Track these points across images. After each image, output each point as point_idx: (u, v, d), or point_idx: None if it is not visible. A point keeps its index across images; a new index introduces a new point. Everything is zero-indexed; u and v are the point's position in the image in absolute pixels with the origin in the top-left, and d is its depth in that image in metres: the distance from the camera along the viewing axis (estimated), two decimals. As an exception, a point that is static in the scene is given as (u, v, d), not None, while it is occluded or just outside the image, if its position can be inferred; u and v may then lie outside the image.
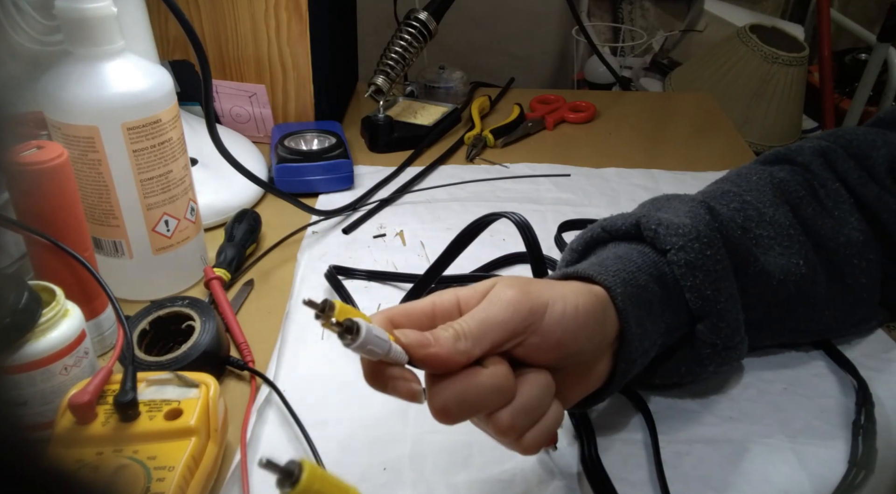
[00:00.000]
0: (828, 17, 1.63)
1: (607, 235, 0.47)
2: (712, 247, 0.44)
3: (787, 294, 0.49)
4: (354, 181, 0.77)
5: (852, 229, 0.50)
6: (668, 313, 0.44)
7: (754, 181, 0.51)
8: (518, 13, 1.79)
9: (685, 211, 0.46)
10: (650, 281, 0.43)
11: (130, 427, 0.40)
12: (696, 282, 0.43)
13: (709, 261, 0.44)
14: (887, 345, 0.54)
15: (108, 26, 0.49)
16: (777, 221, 0.49)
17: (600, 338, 0.39)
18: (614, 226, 0.47)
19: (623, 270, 0.42)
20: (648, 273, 0.43)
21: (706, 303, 0.44)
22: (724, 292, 0.44)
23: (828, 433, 0.47)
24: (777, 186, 0.51)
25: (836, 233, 0.50)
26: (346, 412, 0.48)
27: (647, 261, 0.43)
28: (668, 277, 0.44)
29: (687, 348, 0.46)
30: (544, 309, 0.36)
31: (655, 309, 0.43)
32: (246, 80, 0.82)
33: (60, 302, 0.43)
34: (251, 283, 0.61)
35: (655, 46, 1.79)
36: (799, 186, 0.51)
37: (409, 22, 0.84)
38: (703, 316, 0.44)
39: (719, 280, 0.44)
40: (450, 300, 0.37)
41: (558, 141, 0.90)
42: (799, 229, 0.50)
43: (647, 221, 0.45)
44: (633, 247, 0.45)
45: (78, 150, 0.50)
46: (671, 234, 0.44)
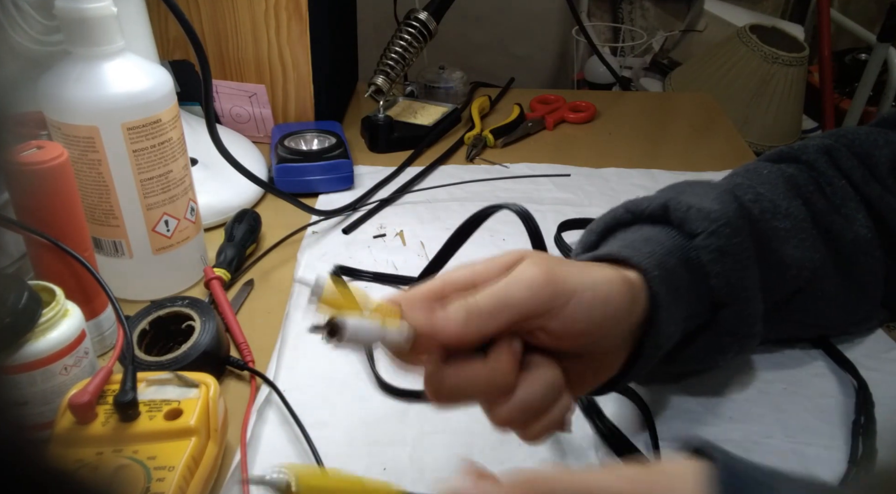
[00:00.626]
0: (828, 17, 1.63)
1: (631, 217, 0.46)
2: (740, 235, 0.43)
3: (798, 286, 0.48)
4: (354, 181, 0.77)
5: (860, 226, 0.50)
6: (693, 299, 0.43)
7: (765, 175, 0.51)
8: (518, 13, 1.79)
9: (713, 196, 0.45)
10: (678, 264, 0.42)
11: (130, 427, 0.40)
12: (725, 269, 0.43)
13: (737, 248, 0.43)
14: (887, 345, 0.54)
15: (108, 26, 0.49)
16: (792, 213, 0.48)
17: (626, 326, 0.38)
18: (639, 208, 0.46)
19: (655, 252, 0.41)
20: (677, 256, 0.42)
21: (732, 291, 0.43)
22: (749, 280, 0.44)
23: (828, 433, 0.47)
24: (788, 180, 0.51)
25: (844, 229, 0.50)
26: (346, 412, 0.48)
27: (675, 245, 0.42)
28: (693, 262, 0.43)
29: (708, 335, 0.45)
30: (570, 296, 0.34)
31: (682, 293, 0.41)
32: (246, 80, 0.82)
33: (60, 302, 0.43)
34: (251, 283, 0.61)
35: (655, 46, 1.79)
36: (808, 182, 0.51)
37: (409, 22, 0.84)
38: (728, 303, 0.43)
39: (746, 267, 0.43)
40: (464, 276, 0.35)
41: (558, 141, 0.90)
42: (811, 223, 0.49)
43: (677, 204, 0.44)
44: (660, 230, 0.44)
45: (78, 150, 0.50)
46: (702, 219, 0.43)
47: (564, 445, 0.46)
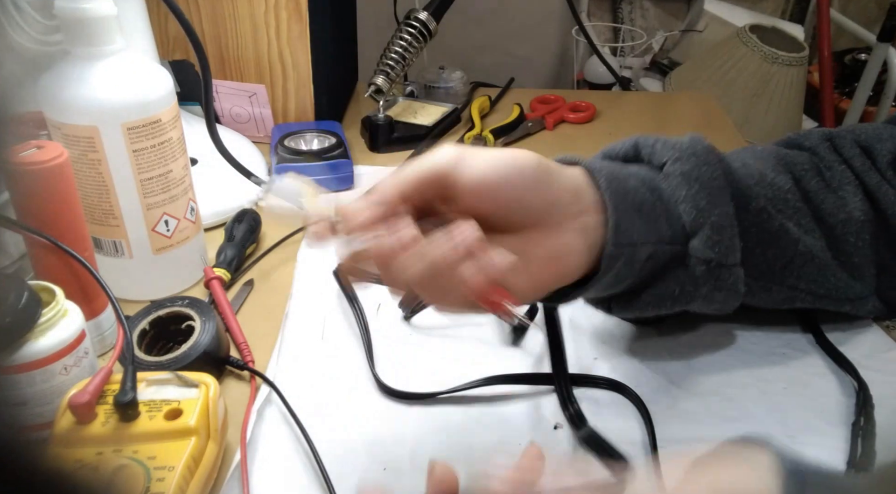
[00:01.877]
0: (828, 17, 1.63)
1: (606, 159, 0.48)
2: (709, 165, 0.45)
3: (793, 250, 0.48)
4: (354, 181, 0.77)
5: (854, 208, 0.50)
6: (662, 223, 0.43)
7: (759, 151, 0.52)
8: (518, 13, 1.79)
9: (686, 136, 0.47)
10: (641, 185, 0.43)
11: (130, 427, 0.40)
12: (691, 193, 0.43)
13: (704, 175, 0.44)
14: (887, 345, 0.54)
15: (108, 26, 0.49)
16: (776, 184, 0.49)
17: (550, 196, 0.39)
18: (613, 151, 0.48)
19: (613, 170, 0.42)
20: (640, 179, 0.43)
21: (700, 214, 0.43)
22: (718, 205, 0.44)
23: (828, 433, 0.47)
24: (782, 158, 0.51)
25: (837, 209, 0.50)
26: (345, 412, 0.48)
27: (641, 173, 0.44)
28: (663, 191, 0.44)
29: (681, 267, 0.45)
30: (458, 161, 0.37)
31: (646, 212, 0.42)
32: (246, 80, 0.82)
33: (60, 302, 0.43)
34: (251, 283, 0.61)
35: (655, 46, 1.79)
36: (805, 162, 0.51)
37: (409, 22, 0.84)
38: (697, 228, 0.43)
39: (714, 193, 0.44)
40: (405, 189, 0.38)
41: (558, 141, 0.90)
42: (798, 196, 0.49)
43: (645, 140, 0.46)
44: (630, 165, 0.46)
45: (78, 150, 0.50)
46: (668, 148, 0.45)
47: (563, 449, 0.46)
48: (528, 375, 0.51)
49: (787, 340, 0.55)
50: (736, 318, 0.57)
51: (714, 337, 0.55)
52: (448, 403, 0.49)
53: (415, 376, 0.51)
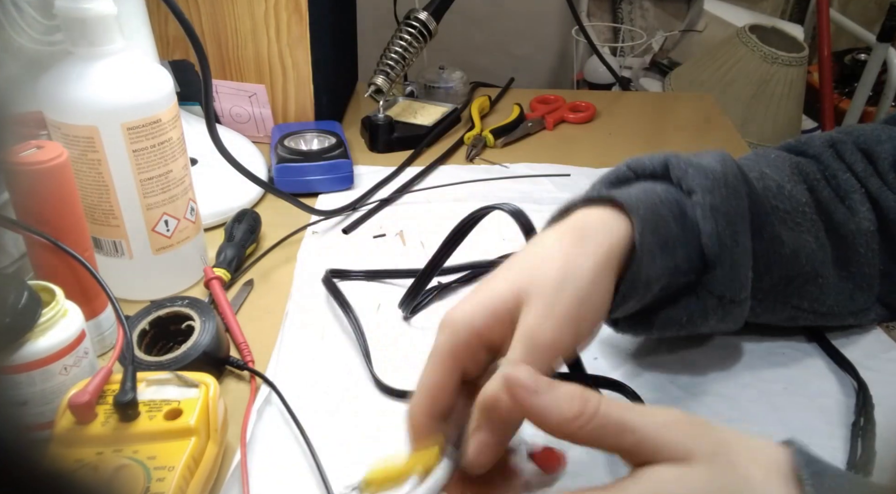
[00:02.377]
0: (827, 17, 1.63)
1: (632, 174, 0.46)
2: (738, 198, 0.44)
3: (798, 269, 0.48)
4: (354, 181, 0.77)
5: (863, 218, 0.50)
6: (680, 253, 0.42)
7: (773, 158, 0.51)
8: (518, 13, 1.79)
9: (716, 158, 0.46)
10: (670, 215, 0.42)
11: (130, 427, 0.40)
12: (717, 227, 0.43)
13: (732, 209, 0.43)
14: (887, 346, 0.54)
15: (108, 26, 0.49)
16: (794, 197, 0.48)
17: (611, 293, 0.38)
18: (641, 165, 0.46)
19: (645, 199, 0.41)
20: (669, 208, 0.42)
21: (723, 251, 0.43)
22: (741, 243, 0.44)
23: (827, 433, 0.47)
24: (795, 166, 0.51)
25: (847, 220, 0.50)
26: (345, 412, 0.48)
27: (670, 198, 0.43)
28: (688, 219, 0.43)
29: (692, 296, 0.45)
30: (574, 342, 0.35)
31: (670, 246, 0.42)
32: (246, 80, 0.82)
33: (60, 302, 0.43)
34: (251, 283, 0.61)
35: (655, 46, 1.79)
36: (814, 172, 0.51)
37: (409, 22, 0.84)
38: (716, 263, 0.43)
39: (739, 230, 0.44)
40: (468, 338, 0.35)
41: (558, 141, 0.90)
42: (813, 208, 0.49)
43: (678, 160, 0.45)
44: (659, 185, 0.44)
45: (78, 150, 0.50)
46: (700, 176, 0.43)
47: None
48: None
49: (787, 340, 0.55)
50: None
51: (714, 337, 0.55)
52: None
53: (415, 375, 0.51)
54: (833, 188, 0.51)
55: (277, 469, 0.44)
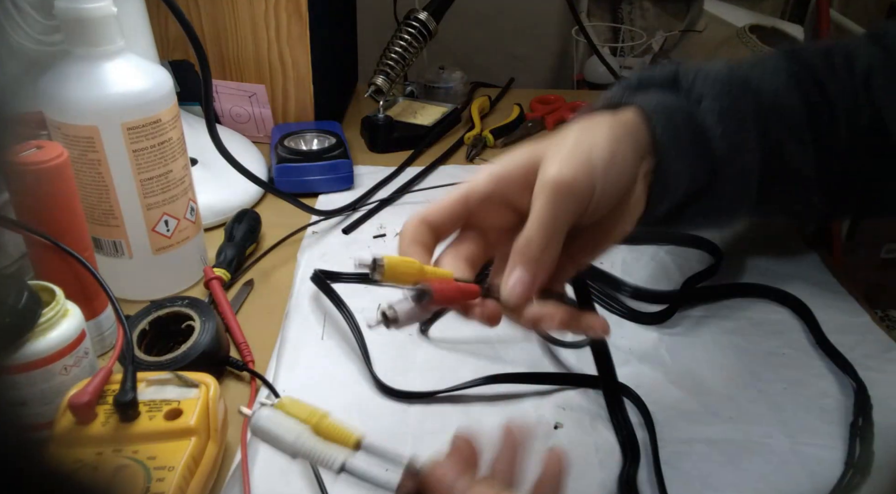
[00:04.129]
0: (827, 17, 1.63)
1: (643, 86, 0.47)
2: (745, 100, 0.45)
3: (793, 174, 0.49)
4: (354, 181, 0.77)
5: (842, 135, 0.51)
6: (696, 155, 0.44)
7: (771, 66, 0.52)
8: (518, 13, 1.79)
9: (722, 64, 0.47)
10: (683, 122, 0.43)
11: (130, 427, 0.40)
12: (727, 130, 0.44)
13: (741, 112, 0.45)
14: (887, 346, 0.54)
15: (108, 26, 0.49)
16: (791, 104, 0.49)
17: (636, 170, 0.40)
18: (651, 77, 0.47)
19: (661, 106, 0.42)
20: (682, 116, 0.43)
21: (733, 151, 0.44)
22: (749, 141, 0.45)
23: (827, 433, 0.47)
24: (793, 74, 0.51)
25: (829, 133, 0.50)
26: (345, 412, 0.48)
27: (681, 107, 0.44)
28: (698, 125, 0.44)
29: (711, 193, 0.46)
30: (594, 178, 0.36)
31: (685, 148, 0.43)
32: (246, 80, 0.82)
33: (60, 302, 0.43)
34: (251, 283, 0.61)
35: (655, 46, 1.78)
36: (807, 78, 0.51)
37: (409, 22, 0.84)
38: (729, 161, 0.44)
39: (746, 128, 0.45)
40: (486, 183, 0.37)
41: (558, 141, 0.90)
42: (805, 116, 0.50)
43: (686, 70, 0.46)
44: (669, 94, 0.45)
45: (78, 150, 0.50)
46: (709, 82, 0.45)
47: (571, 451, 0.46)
48: (528, 374, 0.51)
49: (787, 340, 0.55)
50: (736, 318, 0.57)
51: (714, 337, 0.55)
52: (448, 403, 0.49)
53: (415, 375, 0.51)
54: (824, 97, 0.51)
55: (278, 469, 0.44)
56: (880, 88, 0.51)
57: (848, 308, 0.58)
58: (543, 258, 0.35)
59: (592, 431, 0.47)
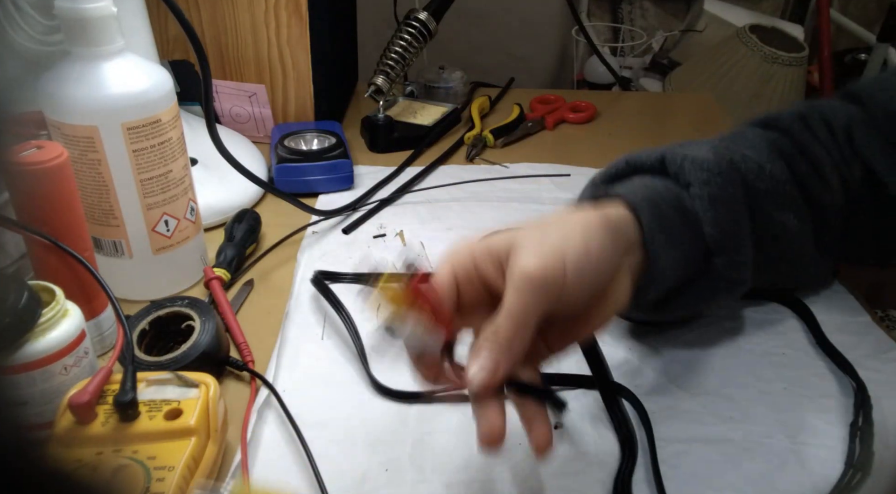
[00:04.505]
0: (828, 17, 1.63)
1: (630, 169, 0.48)
2: (733, 185, 0.46)
3: (784, 245, 0.50)
4: (354, 181, 0.77)
5: (835, 192, 0.52)
6: (687, 244, 0.44)
7: (750, 137, 0.53)
8: (518, 13, 1.79)
9: (706, 149, 0.48)
10: (672, 211, 0.44)
11: (130, 427, 0.40)
12: (717, 216, 0.44)
13: (729, 197, 0.45)
14: (887, 345, 0.54)
15: (108, 26, 0.49)
16: (775, 176, 0.50)
17: (616, 260, 0.40)
18: (638, 161, 0.48)
19: (649, 197, 0.43)
20: (671, 204, 0.44)
21: (725, 237, 0.45)
22: (741, 227, 0.46)
23: (828, 433, 0.47)
24: (772, 143, 0.52)
25: (822, 192, 0.52)
26: (346, 412, 0.48)
27: (670, 194, 0.45)
28: (688, 211, 0.45)
29: (702, 281, 0.47)
30: (563, 271, 0.36)
31: (676, 236, 0.43)
32: (246, 80, 0.82)
33: (60, 302, 0.43)
34: (251, 283, 0.61)
35: (655, 46, 1.78)
36: (789, 146, 0.52)
37: (409, 22, 0.84)
38: (721, 250, 0.45)
39: (738, 215, 0.45)
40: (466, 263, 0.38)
41: (558, 141, 0.90)
42: (794, 185, 0.51)
43: (673, 155, 0.46)
44: (657, 180, 0.46)
45: (78, 150, 0.50)
46: (696, 168, 0.45)
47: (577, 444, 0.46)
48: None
49: (787, 340, 0.55)
50: (736, 318, 0.57)
51: (714, 337, 0.55)
52: (447, 403, 0.49)
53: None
54: (807, 160, 0.52)
55: (278, 469, 0.44)
56: (863, 143, 0.53)
57: (848, 308, 0.58)
58: (510, 347, 0.35)
59: (592, 431, 0.47)
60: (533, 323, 0.36)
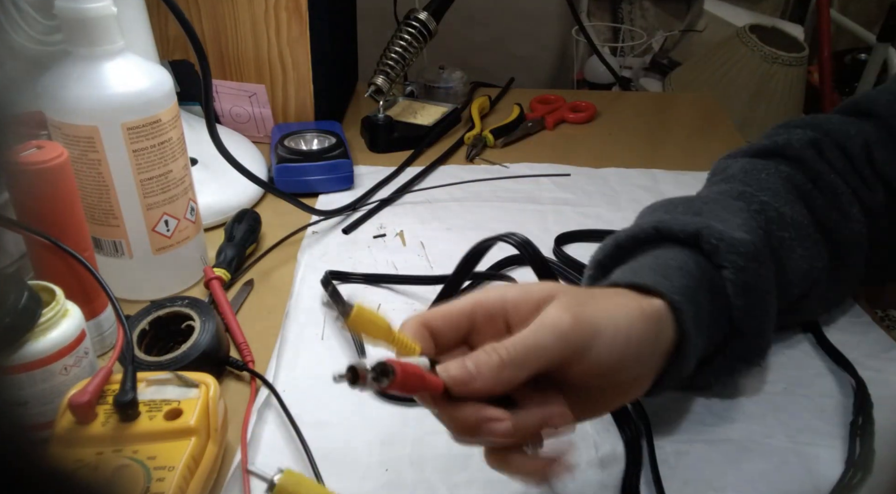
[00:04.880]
0: (828, 17, 1.63)
1: (659, 237, 0.46)
2: (766, 267, 0.44)
3: (803, 290, 0.49)
4: (354, 181, 0.77)
5: (856, 222, 0.51)
6: (713, 329, 0.43)
7: (764, 178, 0.51)
8: (518, 13, 1.79)
9: (738, 223, 0.45)
10: (705, 297, 0.42)
11: (130, 427, 0.40)
12: (748, 303, 0.43)
13: (762, 282, 0.44)
14: (887, 345, 0.54)
15: (108, 26, 0.49)
16: (797, 221, 0.48)
17: (651, 361, 0.38)
18: (670, 232, 0.45)
19: (687, 286, 0.41)
20: (705, 288, 0.42)
21: (752, 322, 0.44)
22: (769, 311, 0.44)
23: (828, 432, 0.47)
24: (787, 181, 0.50)
25: (841, 226, 0.50)
26: (346, 412, 0.48)
27: (704, 275, 0.42)
28: (718, 293, 0.43)
29: (721, 360, 0.45)
30: (593, 339, 0.35)
31: (704, 324, 0.42)
32: (246, 80, 0.82)
33: (60, 302, 0.43)
34: (251, 283, 0.61)
35: (655, 46, 1.78)
36: (804, 181, 0.51)
37: (409, 22, 0.84)
38: (745, 333, 0.44)
39: (767, 300, 0.44)
40: (495, 302, 0.36)
41: (558, 141, 0.90)
42: (814, 227, 0.50)
43: (709, 234, 0.44)
44: (690, 257, 0.43)
45: (78, 150, 0.50)
46: (731, 252, 0.43)
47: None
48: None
49: (787, 340, 0.55)
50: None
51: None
52: (448, 403, 0.49)
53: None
54: (823, 193, 0.51)
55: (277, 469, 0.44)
56: (886, 162, 0.51)
57: (848, 307, 0.58)
58: (500, 367, 0.33)
59: (593, 431, 0.47)
60: (533, 363, 0.33)
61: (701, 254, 0.44)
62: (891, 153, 0.51)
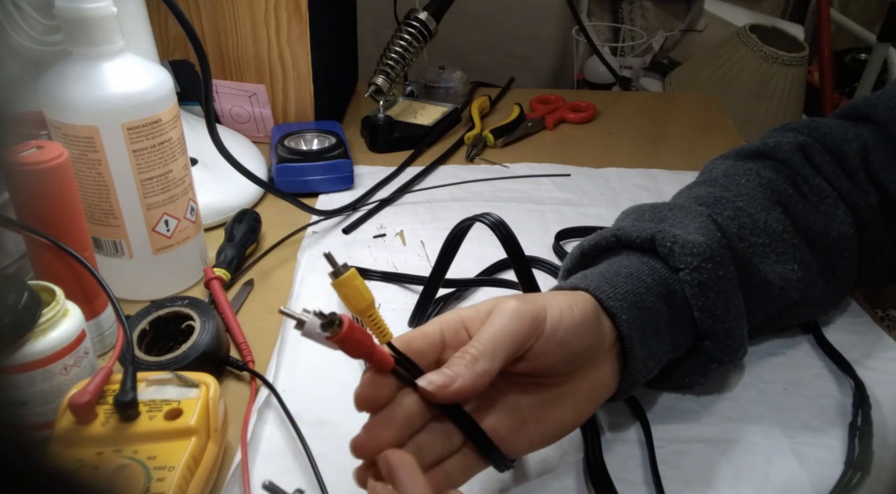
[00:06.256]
0: (828, 17, 1.63)
1: (619, 244, 0.47)
2: (724, 267, 0.44)
3: (787, 300, 0.50)
4: (354, 181, 0.77)
5: (841, 223, 0.51)
6: (675, 331, 0.44)
7: (743, 184, 0.51)
8: (518, 13, 1.79)
9: (696, 226, 0.46)
10: (658, 300, 0.43)
11: (130, 427, 0.40)
12: (707, 302, 0.44)
13: (720, 281, 0.44)
14: (887, 345, 0.54)
15: (108, 26, 0.49)
16: (770, 227, 0.49)
17: (599, 338, 0.40)
18: (628, 238, 0.47)
19: (632, 291, 0.42)
20: (657, 292, 0.43)
21: (715, 322, 0.44)
22: (732, 310, 0.45)
23: (827, 433, 0.47)
24: (766, 187, 0.51)
25: (827, 228, 0.51)
26: (346, 412, 0.48)
27: (657, 280, 0.44)
28: (677, 295, 0.44)
29: (692, 359, 0.46)
30: (545, 313, 0.38)
31: (662, 328, 0.43)
32: (246, 80, 0.82)
33: (60, 302, 0.43)
34: (251, 283, 0.61)
35: (655, 46, 1.78)
36: (786, 184, 0.51)
37: (409, 22, 0.84)
38: (711, 334, 0.45)
39: (729, 298, 0.45)
40: (454, 321, 0.38)
41: (558, 141, 0.90)
42: (792, 231, 0.50)
43: (663, 238, 0.45)
44: (645, 263, 0.45)
45: (78, 150, 0.50)
46: (686, 253, 0.44)
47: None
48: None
49: (787, 340, 0.55)
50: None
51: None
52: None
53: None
54: (806, 197, 0.51)
55: (278, 469, 0.44)
56: (882, 166, 0.52)
57: (848, 308, 0.58)
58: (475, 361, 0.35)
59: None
60: (500, 348, 0.36)
61: (658, 260, 0.45)
62: (887, 157, 0.52)
